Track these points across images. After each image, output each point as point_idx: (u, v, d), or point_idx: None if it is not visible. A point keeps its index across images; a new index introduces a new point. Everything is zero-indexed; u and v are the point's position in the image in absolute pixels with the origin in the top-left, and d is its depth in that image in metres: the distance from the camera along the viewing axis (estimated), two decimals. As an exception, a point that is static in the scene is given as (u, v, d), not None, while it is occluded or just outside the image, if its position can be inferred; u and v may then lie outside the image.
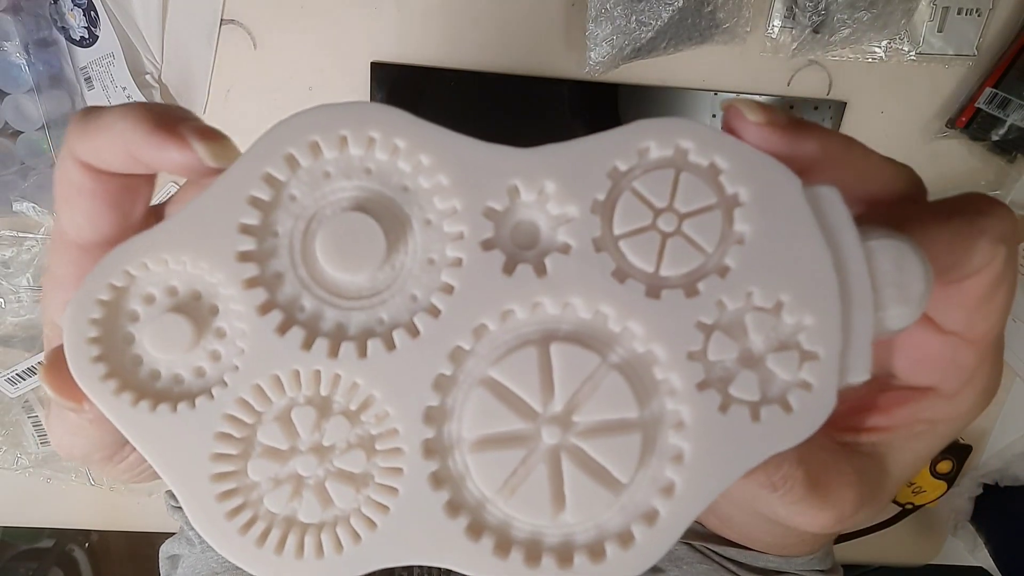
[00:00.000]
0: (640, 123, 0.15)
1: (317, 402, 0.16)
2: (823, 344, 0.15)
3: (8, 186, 0.48)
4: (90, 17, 0.46)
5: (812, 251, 0.15)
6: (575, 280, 0.15)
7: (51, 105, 0.47)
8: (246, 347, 0.15)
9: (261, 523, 0.15)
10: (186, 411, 0.15)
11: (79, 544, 1.02)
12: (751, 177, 0.15)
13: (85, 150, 0.18)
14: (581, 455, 0.15)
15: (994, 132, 0.51)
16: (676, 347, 0.15)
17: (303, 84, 0.51)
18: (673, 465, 0.15)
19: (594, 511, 0.15)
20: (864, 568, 0.71)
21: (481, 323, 0.15)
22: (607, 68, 0.48)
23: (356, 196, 0.16)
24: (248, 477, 0.15)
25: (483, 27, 0.49)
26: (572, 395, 0.15)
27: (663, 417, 0.15)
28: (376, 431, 0.15)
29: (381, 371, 0.15)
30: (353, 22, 0.49)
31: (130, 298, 0.16)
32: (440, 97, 0.50)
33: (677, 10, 0.45)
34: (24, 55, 0.45)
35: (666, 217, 0.15)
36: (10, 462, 0.60)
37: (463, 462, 0.15)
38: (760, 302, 0.15)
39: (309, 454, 0.15)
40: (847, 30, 0.47)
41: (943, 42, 0.50)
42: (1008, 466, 0.64)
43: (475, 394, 0.15)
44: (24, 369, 0.56)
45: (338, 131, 0.15)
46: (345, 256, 0.15)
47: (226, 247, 0.15)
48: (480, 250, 0.15)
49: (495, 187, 0.15)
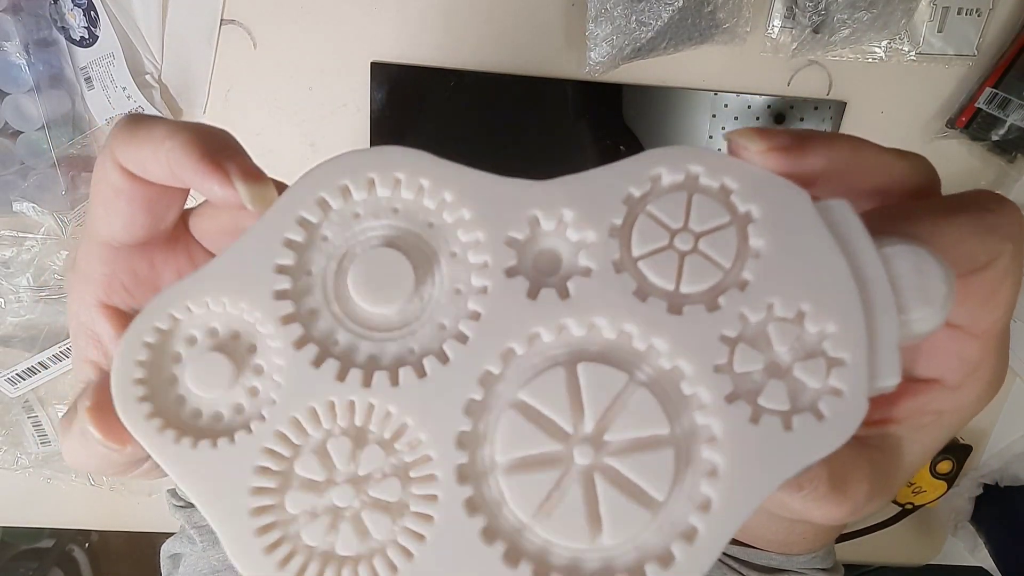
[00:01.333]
0: (650, 152, 0.16)
1: (352, 432, 0.16)
2: (849, 350, 0.15)
3: (8, 186, 0.48)
4: (90, 17, 0.46)
5: (828, 260, 0.15)
6: (598, 300, 0.16)
7: (51, 105, 0.47)
8: (283, 381, 0.16)
9: (299, 557, 0.16)
10: (226, 446, 0.16)
11: (79, 544, 1.02)
12: (761, 195, 0.16)
13: (129, 157, 0.18)
14: (615, 474, 0.15)
15: (994, 132, 0.51)
16: (702, 361, 0.15)
17: (303, 84, 0.51)
18: (708, 480, 0.15)
19: (632, 531, 0.15)
20: (864, 568, 0.71)
21: (508, 347, 0.16)
22: (607, 68, 0.48)
23: (385, 234, 0.16)
24: (286, 511, 0.16)
25: (483, 27, 0.49)
26: (602, 414, 0.15)
27: (695, 432, 0.15)
28: (410, 459, 0.16)
29: (413, 398, 0.16)
30: (353, 22, 0.49)
31: (174, 340, 0.17)
32: (440, 97, 0.50)
33: (677, 10, 0.45)
34: (24, 55, 0.45)
35: (682, 236, 0.16)
36: (10, 462, 0.60)
37: (498, 487, 0.15)
38: (782, 312, 0.15)
39: (345, 485, 0.16)
40: (847, 30, 0.47)
41: (943, 42, 0.50)
42: (1008, 466, 0.64)
43: (506, 417, 0.15)
44: (24, 369, 0.56)
45: (366, 174, 0.16)
46: (376, 290, 0.16)
47: (263, 286, 0.16)
48: (504, 277, 0.16)
49: (515, 218, 0.16)
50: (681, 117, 0.51)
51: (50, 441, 0.60)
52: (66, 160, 0.48)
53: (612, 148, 0.52)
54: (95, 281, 0.20)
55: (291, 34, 0.49)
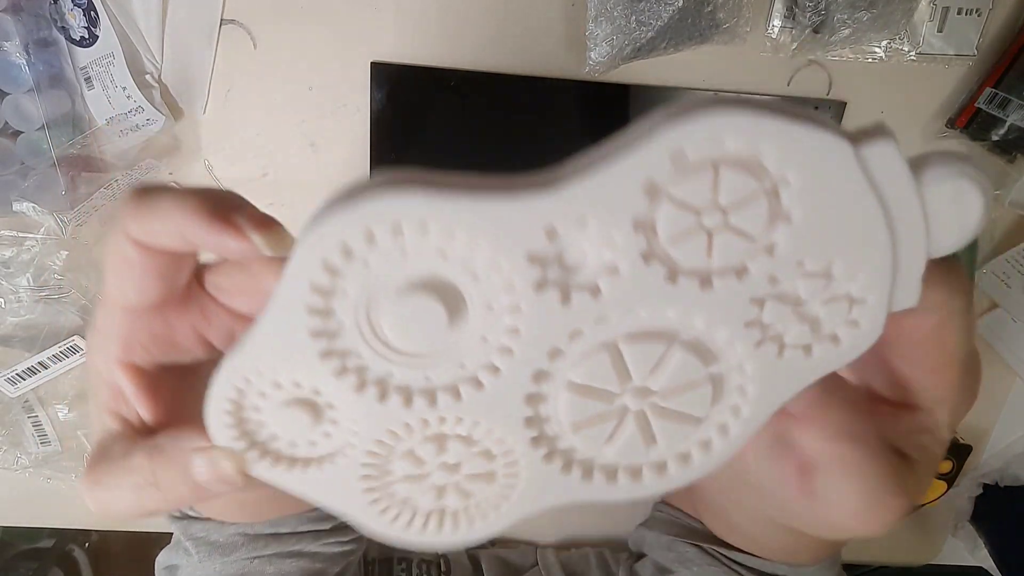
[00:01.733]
0: (665, 129, 0.15)
1: (433, 439, 0.19)
2: (874, 293, 0.17)
3: (8, 186, 0.48)
4: (90, 17, 0.46)
5: (864, 216, 0.16)
6: (630, 294, 0.16)
7: (51, 105, 0.47)
8: (358, 418, 0.18)
9: (420, 516, 0.20)
10: (330, 467, 0.19)
11: (79, 544, 1.02)
12: (797, 157, 0.15)
13: (139, 231, 0.19)
14: (663, 410, 0.18)
15: (994, 132, 0.51)
16: (734, 323, 0.17)
17: (303, 84, 0.51)
18: (740, 397, 0.18)
19: (677, 442, 0.19)
20: (864, 568, 0.71)
21: (553, 347, 0.17)
22: (607, 68, 0.48)
23: (406, 276, 0.16)
24: (396, 495, 0.20)
25: (483, 27, 0.49)
26: (646, 376, 0.18)
27: (728, 372, 0.18)
28: (489, 444, 0.19)
29: (479, 405, 0.18)
30: (353, 22, 0.49)
31: (249, 398, 0.19)
32: (440, 97, 0.50)
33: (677, 10, 0.45)
34: (24, 55, 0.45)
35: (710, 213, 0.16)
36: (10, 462, 0.60)
37: (568, 443, 0.19)
38: (812, 268, 0.16)
39: (440, 471, 0.19)
40: (847, 30, 0.47)
41: (943, 42, 0.50)
42: (1008, 466, 0.64)
43: (563, 397, 0.18)
44: (24, 369, 0.56)
45: (365, 229, 0.16)
46: (412, 335, 0.17)
47: (307, 353, 0.17)
48: (533, 293, 0.16)
49: (533, 235, 0.16)
50: (681, 117, 0.51)
51: (50, 441, 0.60)
52: (66, 160, 0.48)
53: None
54: (114, 341, 0.21)
55: (291, 34, 0.49)
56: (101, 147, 0.50)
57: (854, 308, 0.17)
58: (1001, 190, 0.54)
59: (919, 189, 0.16)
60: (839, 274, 0.16)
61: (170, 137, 0.51)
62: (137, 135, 0.49)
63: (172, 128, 0.51)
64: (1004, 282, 0.57)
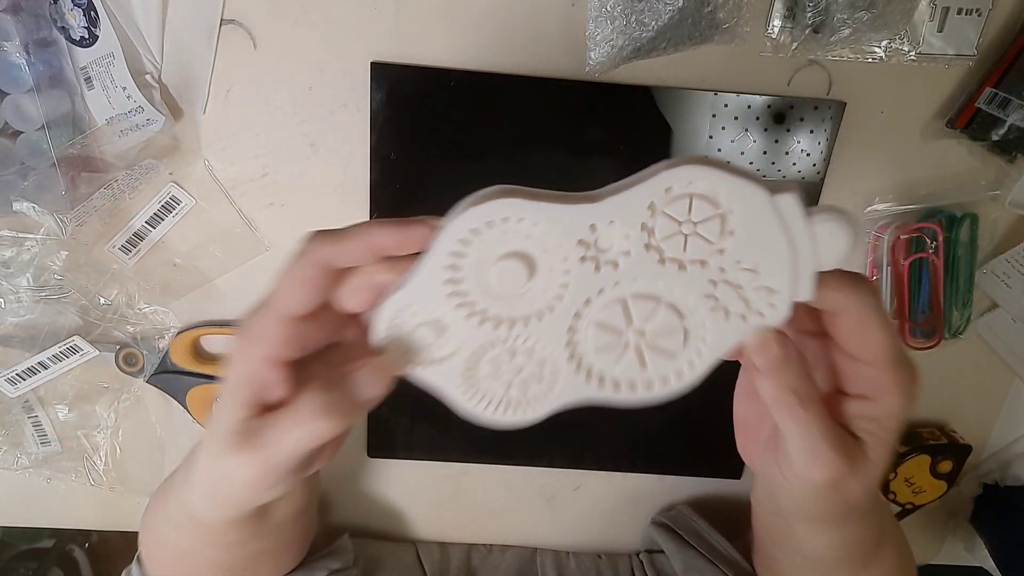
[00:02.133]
0: (664, 170, 0.27)
1: (507, 352, 0.30)
2: (782, 288, 0.28)
3: (8, 186, 0.48)
4: (90, 17, 0.46)
5: (774, 238, 0.27)
6: (636, 269, 0.28)
7: (51, 105, 0.47)
8: (464, 336, 0.30)
9: (494, 403, 0.31)
10: (446, 366, 0.30)
11: (79, 544, 1.02)
12: (736, 196, 0.27)
13: (331, 252, 0.28)
14: (652, 346, 0.30)
15: (994, 132, 0.51)
16: (698, 295, 0.29)
17: (303, 84, 0.51)
18: (702, 343, 0.30)
19: (661, 368, 0.30)
20: (864, 568, 0.71)
21: (586, 299, 0.29)
22: (607, 68, 0.48)
23: (504, 248, 0.28)
24: (481, 387, 0.31)
25: (483, 27, 0.49)
26: (643, 322, 0.29)
27: (694, 326, 0.29)
28: (543, 357, 0.30)
29: (539, 331, 0.30)
30: (353, 22, 0.49)
31: (403, 318, 0.29)
32: (440, 97, 0.50)
33: (677, 10, 0.45)
34: (24, 55, 0.45)
35: (686, 225, 0.28)
36: (10, 462, 0.60)
37: (590, 361, 0.30)
38: (746, 266, 0.28)
39: (510, 373, 0.30)
40: (847, 30, 0.47)
41: (943, 42, 0.50)
42: (1008, 466, 0.64)
43: (591, 331, 0.30)
44: (24, 369, 0.56)
45: (487, 218, 0.27)
46: (505, 285, 0.28)
47: (440, 293, 0.29)
48: (579, 263, 0.28)
49: (581, 228, 0.28)
50: (681, 117, 0.51)
51: (50, 441, 0.60)
52: (66, 160, 0.48)
53: (612, 148, 0.52)
54: (268, 341, 0.29)
55: (291, 34, 0.49)
56: (101, 147, 0.50)
57: (771, 295, 0.28)
58: (1001, 190, 0.54)
59: (810, 225, 0.27)
60: (763, 272, 0.28)
61: (170, 137, 0.51)
62: (137, 135, 0.49)
63: (172, 128, 0.51)
64: (1004, 282, 0.57)
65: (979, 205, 0.55)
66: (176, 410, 0.60)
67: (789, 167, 0.53)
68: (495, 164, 0.52)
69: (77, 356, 0.56)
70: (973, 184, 0.55)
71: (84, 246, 0.53)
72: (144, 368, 0.57)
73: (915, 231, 0.55)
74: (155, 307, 0.56)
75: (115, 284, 0.55)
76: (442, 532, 0.67)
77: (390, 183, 0.53)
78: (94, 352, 0.56)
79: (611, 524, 0.67)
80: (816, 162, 0.53)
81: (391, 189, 0.53)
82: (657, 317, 0.29)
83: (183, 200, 0.53)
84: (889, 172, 0.54)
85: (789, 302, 0.28)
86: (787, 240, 0.27)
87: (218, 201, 0.54)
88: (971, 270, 0.57)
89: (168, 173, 0.53)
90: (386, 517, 0.66)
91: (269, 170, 0.53)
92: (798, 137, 0.52)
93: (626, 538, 0.68)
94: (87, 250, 0.54)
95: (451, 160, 0.52)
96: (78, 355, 0.56)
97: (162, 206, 0.53)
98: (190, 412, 0.59)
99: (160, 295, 0.56)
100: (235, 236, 0.55)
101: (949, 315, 0.58)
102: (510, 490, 0.65)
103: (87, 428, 0.60)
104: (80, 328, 0.56)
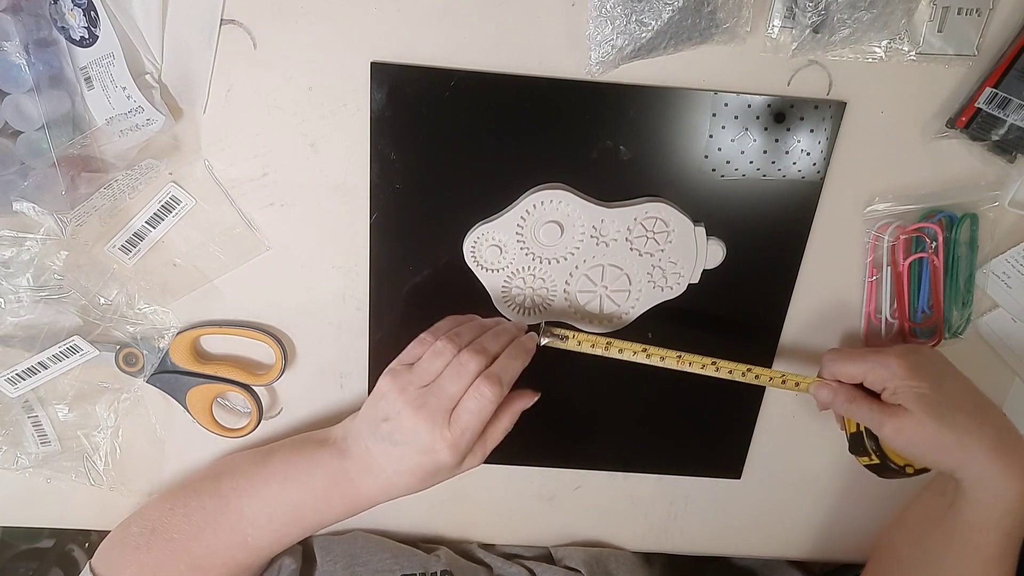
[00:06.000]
0: (646, 204, 0.52)
1: (536, 278, 0.55)
2: (687, 271, 0.55)
3: (8, 186, 0.48)
4: (90, 17, 0.46)
5: (688, 247, 0.54)
6: (614, 250, 0.54)
7: (51, 105, 0.47)
8: (520, 263, 0.55)
9: (525, 310, 0.57)
10: (506, 281, 0.56)
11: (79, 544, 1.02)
12: (676, 224, 0.53)
13: (512, 376, 0.48)
14: (610, 297, 0.56)
15: (994, 132, 0.51)
16: (644, 272, 0.55)
17: (303, 84, 0.51)
18: (636, 301, 0.56)
19: (617, 311, 0.56)
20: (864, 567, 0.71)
21: (585, 258, 0.54)
22: (607, 68, 0.48)
23: (549, 217, 0.52)
24: (518, 298, 0.57)
25: (483, 27, 0.49)
26: (611, 282, 0.55)
27: (637, 288, 0.56)
28: (553, 286, 0.56)
29: (555, 271, 0.55)
30: (353, 22, 0.49)
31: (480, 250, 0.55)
32: (440, 97, 0.50)
33: (677, 10, 0.45)
34: (24, 55, 0.45)
35: (650, 233, 0.53)
36: (10, 462, 0.60)
37: (575, 299, 0.56)
38: (658, 260, 0.54)
39: (537, 294, 0.56)
40: (847, 30, 0.47)
41: (943, 42, 0.50)
42: (1008, 466, 0.64)
43: (580, 281, 0.55)
44: (24, 369, 0.56)
45: (541, 200, 0.52)
46: (548, 238, 0.53)
47: (514, 239, 0.54)
48: (588, 237, 0.53)
49: (594, 218, 0.52)
50: (681, 117, 0.51)
51: (50, 441, 0.60)
52: (66, 160, 0.48)
53: (612, 148, 0.52)
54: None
55: (291, 34, 0.49)
56: (101, 147, 0.50)
57: (679, 278, 0.55)
58: (1001, 190, 0.54)
59: (705, 243, 0.53)
60: (680, 265, 0.54)
61: (170, 137, 0.51)
62: (137, 135, 0.49)
63: (172, 128, 0.51)
64: (1004, 282, 0.58)
65: (979, 205, 0.55)
66: (176, 410, 0.60)
67: (789, 166, 0.53)
68: (495, 164, 0.52)
69: (77, 356, 0.56)
70: (973, 184, 0.55)
71: (84, 246, 0.53)
72: (144, 368, 0.57)
73: (915, 231, 0.55)
74: (155, 307, 0.56)
75: (115, 284, 0.55)
76: (442, 532, 0.67)
77: (390, 183, 0.53)
78: (94, 352, 0.56)
79: (611, 524, 0.68)
80: (816, 161, 0.53)
81: (391, 189, 0.53)
82: (618, 279, 0.55)
83: (183, 200, 0.53)
84: (889, 172, 0.54)
85: (687, 283, 0.55)
86: (695, 250, 0.53)
87: (218, 201, 0.54)
88: (971, 270, 0.57)
89: (168, 173, 0.53)
90: (386, 517, 0.66)
91: (269, 170, 0.53)
92: (798, 136, 0.52)
93: (626, 538, 0.68)
94: (87, 250, 0.54)
95: (451, 160, 0.52)
96: (78, 355, 0.56)
97: (162, 206, 0.53)
98: (190, 412, 0.59)
99: (160, 295, 0.56)
100: (235, 236, 0.55)
101: (949, 315, 0.58)
102: (510, 490, 0.65)
103: (87, 428, 0.60)
104: (80, 328, 0.56)
